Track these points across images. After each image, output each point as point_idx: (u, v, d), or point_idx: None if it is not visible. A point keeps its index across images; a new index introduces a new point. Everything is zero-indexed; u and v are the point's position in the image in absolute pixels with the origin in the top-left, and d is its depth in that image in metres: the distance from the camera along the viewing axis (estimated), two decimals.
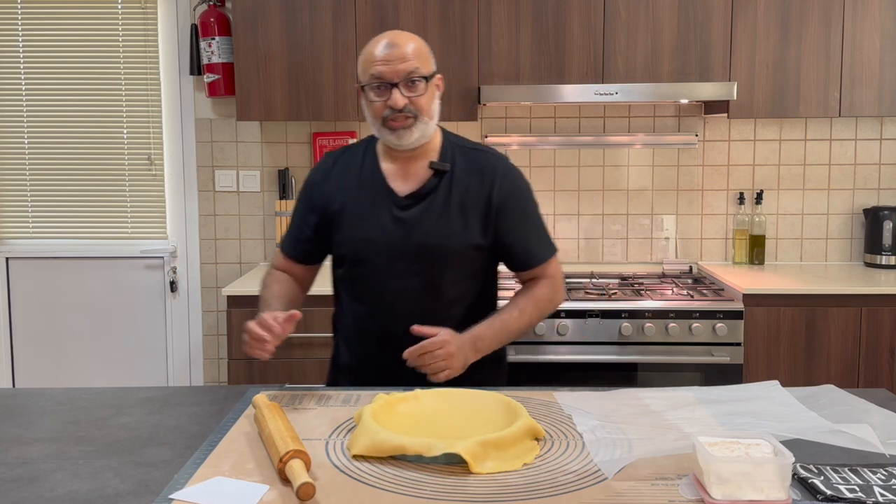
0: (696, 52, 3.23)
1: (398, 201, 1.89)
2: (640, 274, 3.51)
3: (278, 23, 3.26)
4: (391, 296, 1.88)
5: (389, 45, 1.82)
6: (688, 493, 1.24)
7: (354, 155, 1.97)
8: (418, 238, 1.87)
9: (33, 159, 3.74)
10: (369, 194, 1.90)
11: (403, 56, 1.80)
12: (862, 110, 3.24)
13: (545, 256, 1.96)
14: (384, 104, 1.82)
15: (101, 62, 3.69)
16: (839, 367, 3.03)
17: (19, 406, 1.70)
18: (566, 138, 3.60)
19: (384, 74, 1.80)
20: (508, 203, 1.92)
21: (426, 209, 1.88)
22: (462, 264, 1.90)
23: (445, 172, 1.90)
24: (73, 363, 3.76)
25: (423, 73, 1.82)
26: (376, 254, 1.88)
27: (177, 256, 3.73)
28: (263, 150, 3.67)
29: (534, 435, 1.44)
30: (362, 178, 1.92)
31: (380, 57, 1.81)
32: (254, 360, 3.15)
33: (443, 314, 1.87)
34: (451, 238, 1.87)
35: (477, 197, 1.89)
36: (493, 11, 3.22)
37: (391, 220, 1.88)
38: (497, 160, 1.95)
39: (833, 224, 3.65)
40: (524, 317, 1.91)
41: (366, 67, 1.84)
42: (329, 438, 1.47)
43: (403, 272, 1.87)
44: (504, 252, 1.94)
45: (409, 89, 1.81)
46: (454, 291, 1.91)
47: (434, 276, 1.88)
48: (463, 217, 1.88)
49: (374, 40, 1.86)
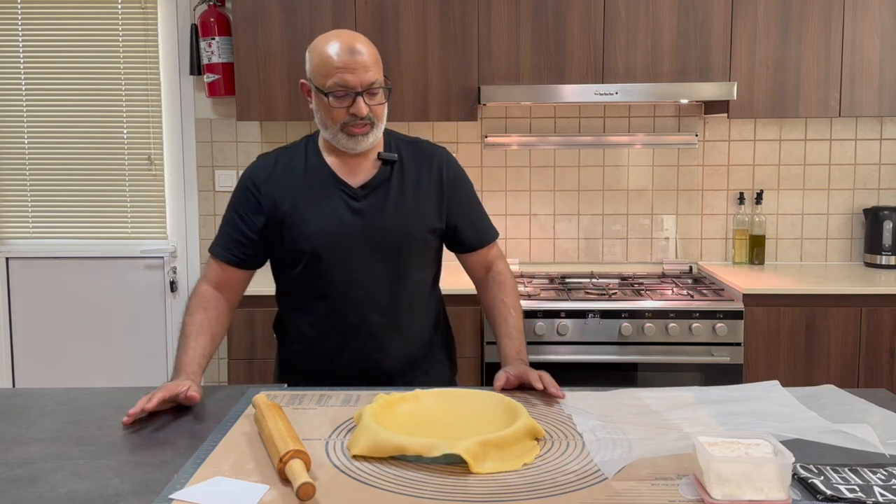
0: (696, 52, 3.23)
1: (353, 192, 1.91)
2: (640, 274, 3.51)
3: (278, 23, 3.25)
4: (357, 286, 1.91)
5: (352, 51, 1.81)
6: (688, 493, 1.24)
7: (295, 155, 1.98)
8: (380, 226, 1.90)
9: (33, 159, 3.74)
10: (320, 190, 1.92)
11: (366, 65, 1.81)
12: (862, 110, 3.24)
13: (494, 235, 2.08)
14: (346, 111, 1.83)
15: (101, 62, 3.69)
16: (839, 367, 3.03)
17: (19, 406, 1.70)
18: (566, 138, 3.60)
19: (348, 83, 1.80)
20: (456, 187, 2.00)
21: (382, 198, 1.92)
22: (423, 248, 1.97)
23: (394, 162, 1.94)
24: (73, 363, 3.76)
25: (381, 82, 1.85)
26: (338, 246, 1.89)
27: (177, 256, 3.73)
28: (263, 151, 3.66)
29: (534, 435, 1.44)
30: (309, 175, 1.93)
31: (342, 64, 1.80)
32: (254, 359, 3.13)
33: (409, 299, 1.96)
34: (411, 223, 1.93)
35: (428, 182, 1.96)
36: (493, 11, 3.22)
37: (349, 212, 1.90)
38: (438, 149, 2.04)
39: (833, 224, 3.65)
40: (520, 311, 2.01)
41: (326, 72, 1.82)
42: (329, 438, 1.47)
43: (368, 261, 1.91)
44: (455, 234, 2.01)
45: (371, 98, 1.83)
46: (417, 275, 1.97)
47: (399, 261, 1.93)
48: (418, 203, 1.94)
49: (328, 41, 1.83)
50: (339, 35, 1.86)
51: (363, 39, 1.86)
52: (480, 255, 2.05)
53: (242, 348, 3.10)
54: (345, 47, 1.81)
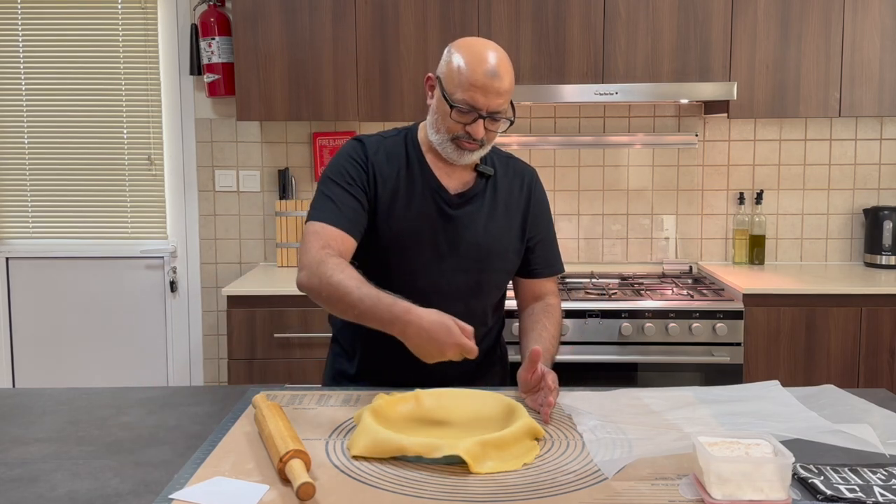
0: (696, 52, 3.23)
1: (449, 199, 1.86)
2: (640, 274, 3.51)
3: (278, 23, 3.26)
4: (431, 292, 1.80)
5: (495, 74, 1.73)
6: (688, 493, 1.24)
7: (397, 143, 1.90)
8: (470, 238, 1.86)
9: (33, 159, 3.74)
10: (418, 187, 1.86)
11: (501, 91, 1.75)
12: (862, 110, 3.24)
13: (560, 269, 2.02)
14: (463, 127, 1.78)
15: (101, 62, 3.69)
16: (839, 367, 3.03)
17: (19, 406, 1.70)
18: (566, 138, 3.60)
19: (478, 103, 1.74)
20: (540, 210, 1.97)
21: (476, 210, 1.88)
22: (503, 266, 1.93)
23: (490, 176, 1.91)
24: (73, 363, 3.76)
25: (508, 113, 1.79)
26: (423, 249, 1.83)
27: (177, 256, 3.73)
28: (263, 150, 3.67)
29: (534, 435, 1.44)
30: (410, 170, 1.87)
31: (480, 84, 1.73)
32: (254, 359, 3.11)
33: (480, 316, 1.90)
34: (499, 240, 1.89)
35: (518, 201, 1.93)
36: (493, 11, 3.22)
37: (441, 217, 1.85)
38: (529, 168, 2.00)
39: (833, 224, 3.65)
40: (557, 342, 1.91)
41: (460, 84, 1.74)
42: (329, 438, 1.47)
43: (448, 270, 1.85)
44: (525, 256, 1.96)
45: (492, 123, 1.78)
46: (492, 294, 1.93)
47: (480, 276, 1.88)
48: (508, 220, 1.91)
49: (475, 52, 1.76)
50: (487, 50, 1.77)
51: (507, 64, 1.78)
52: (538, 283, 1.98)
53: (242, 348, 3.10)
54: (489, 68, 1.74)
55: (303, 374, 3.08)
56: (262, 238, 3.70)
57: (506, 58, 1.79)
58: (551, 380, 1.63)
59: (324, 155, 3.59)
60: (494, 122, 1.79)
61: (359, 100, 3.27)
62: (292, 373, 3.10)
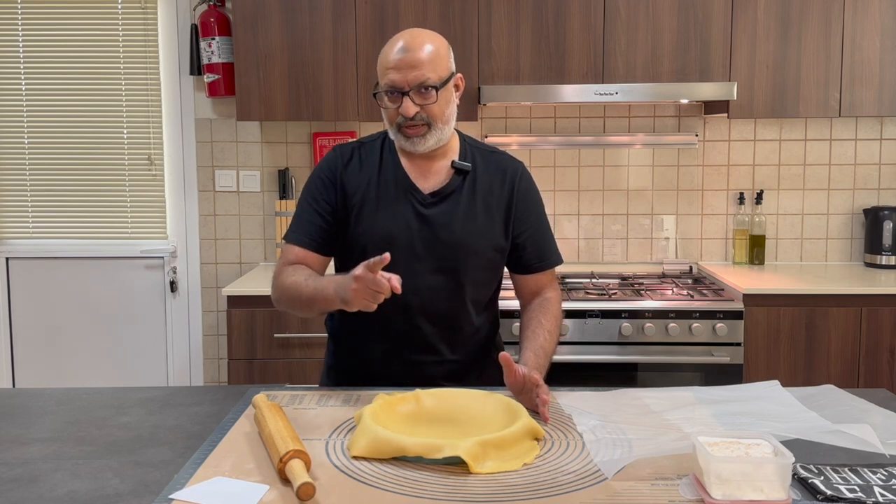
0: (696, 52, 3.23)
1: (422, 198, 1.86)
2: (640, 274, 3.51)
3: (278, 23, 3.26)
4: (410, 293, 1.78)
5: (403, 50, 1.76)
6: (688, 493, 1.24)
7: (372, 149, 1.93)
8: (445, 236, 1.85)
9: (33, 159, 3.74)
10: (391, 190, 1.87)
11: (415, 63, 1.75)
12: (862, 110, 3.24)
13: (556, 261, 1.99)
14: (396, 111, 1.79)
15: (101, 62, 3.69)
16: (839, 367, 3.03)
17: (19, 406, 1.70)
18: (566, 138, 3.60)
19: (395, 82, 1.76)
20: (526, 203, 1.93)
21: (451, 208, 1.87)
22: (484, 265, 1.90)
23: (468, 172, 1.89)
24: (73, 363, 3.76)
25: (433, 81, 1.77)
26: (399, 250, 1.82)
27: (177, 256, 3.73)
28: (263, 150, 3.67)
29: (534, 435, 1.44)
30: (383, 172, 1.88)
31: (392, 63, 1.76)
32: (254, 359, 3.10)
33: (464, 315, 1.89)
34: (477, 238, 1.87)
35: (499, 197, 1.90)
36: (493, 11, 3.23)
37: (415, 217, 1.85)
38: (514, 162, 1.97)
39: (833, 224, 3.65)
40: (555, 337, 1.90)
41: (381, 72, 1.79)
42: (329, 438, 1.47)
43: (426, 271, 1.85)
44: (515, 252, 1.94)
45: (421, 97, 1.78)
46: (473, 293, 1.91)
47: (458, 276, 1.87)
48: (487, 217, 1.88)
49: (392, 40, 1.81)
50: (403, 34, 1.81)
51: (423, 37, 1.79)
52: (535, 278, 1.96)
53: (242, 348, 3.10)
54: (399, 46, 1.77)
55: (303, 374, 3.08)
56: (262, 238, 3.70)
57: (423, 33, 1.81)
58: (536, 375, 1.62)
59: (324, 155, 3.58)
60: (422, 95, 1.78)
61: (359, 100, 3.27)
62: (292, 373, 3.10)
